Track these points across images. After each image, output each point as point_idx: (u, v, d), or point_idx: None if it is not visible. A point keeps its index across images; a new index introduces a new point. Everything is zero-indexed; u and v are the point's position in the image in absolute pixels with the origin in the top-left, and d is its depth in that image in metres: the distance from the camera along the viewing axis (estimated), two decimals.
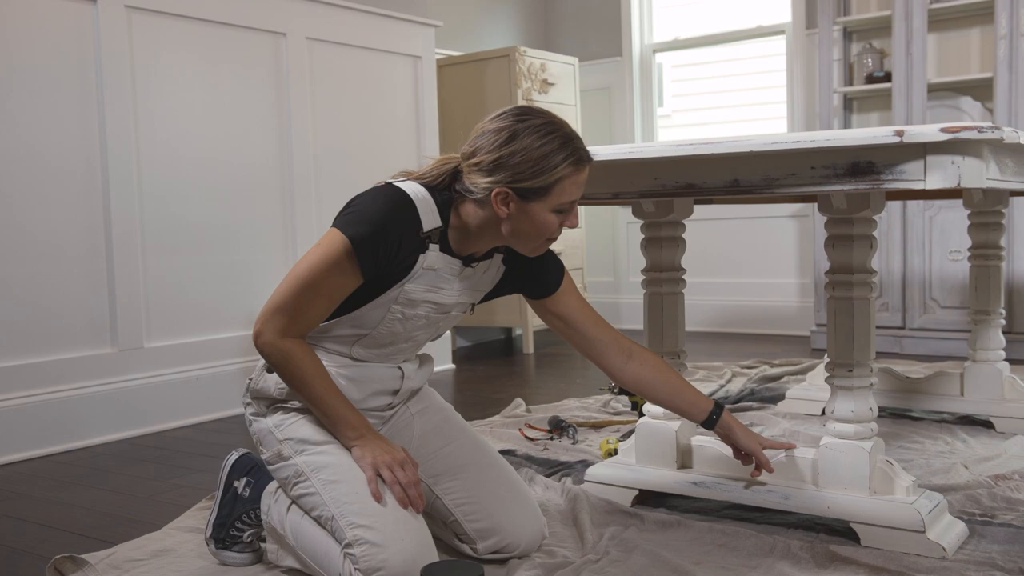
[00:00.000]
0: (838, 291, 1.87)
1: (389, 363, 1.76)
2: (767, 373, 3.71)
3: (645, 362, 1.83)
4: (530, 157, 1.55)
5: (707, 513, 2.04)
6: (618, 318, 5.58)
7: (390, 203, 1.59)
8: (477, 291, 1.76)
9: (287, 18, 3.60)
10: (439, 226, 1.63)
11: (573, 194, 1.60)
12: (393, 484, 1.59)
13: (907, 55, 4.11)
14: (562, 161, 1.56)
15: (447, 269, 1.67)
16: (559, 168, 1.56)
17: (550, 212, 1.59)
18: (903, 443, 2.61)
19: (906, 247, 4.22)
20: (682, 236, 2.16)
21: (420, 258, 1.62)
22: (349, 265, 1.57)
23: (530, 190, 1.56)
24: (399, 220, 1.58)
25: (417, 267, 1.63)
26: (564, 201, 1.59)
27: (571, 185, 1.58)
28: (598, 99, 5.58)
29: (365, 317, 1.66)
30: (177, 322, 3.26)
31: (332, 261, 1.57)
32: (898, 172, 1.51)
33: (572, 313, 1.82)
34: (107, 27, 3.03)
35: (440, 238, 1.64)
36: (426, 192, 1.63)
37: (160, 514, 2.22)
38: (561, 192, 1.58)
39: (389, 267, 1.60)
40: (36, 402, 2.87)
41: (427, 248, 1.63)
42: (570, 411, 3.16)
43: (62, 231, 2.95)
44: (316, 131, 3.71)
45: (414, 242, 1.61)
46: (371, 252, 1.57)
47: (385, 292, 1.63)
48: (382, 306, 1.64)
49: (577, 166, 1.58)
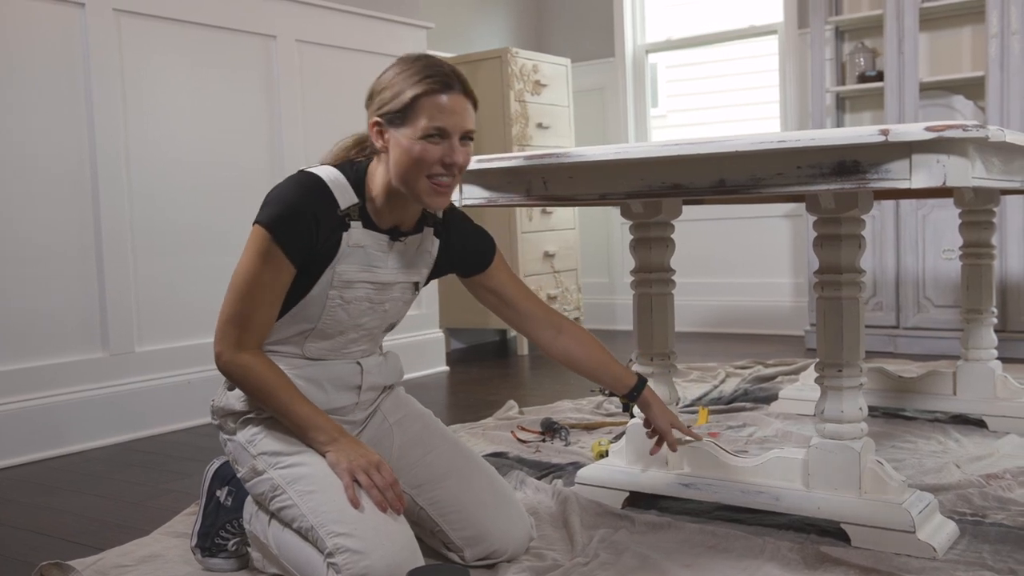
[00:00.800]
0: (827, 291, 1.86)
1: (346, 359, 1.75)
2: (761, 373, 3.70)
3: (574, 336, 1.88)
4: (391, 82, 1.60)
5: (698, 515, 2.04)
6: (613, 319, 5.57)
7: (299, 185, 1.62)
8: (415, 268, 1.77)
9: (277, 20, 3.59)
10: (356, 202, 1.65)
11: (436, 119, 1.57)
12: (371, 488, 1.58)
13: (899, 54, 4.11)
14: (420, 80, 1.57)
15: (375, 246, 1.68)
16: (414, 87, 1.57)
17: (418, 138, 1.58)
18: (896, 443, 2.60)
19: (899, 246, 4.22)
20: (671, 237, 2.15)
21: (344, 236, 1.64)
22: (274, 253, 1.59)
23: (393, 113, 1.59)
24: (310, 200, 1.60)
25: (343, 246, 1.64)
26: (428, 125, 1.57)
27: (431, 106, 1.57)
28: (591, 100, 5.58)
29: (307, 310, 1.66)
30: (168, 326, 3.25)
31: (258, 255, 1.59)
32: (884, 171, 1.51)
33: (505, 288, 1.87)
34: (95, 30, 3.02)
35: (360, 215, 1.66)
36: (337, 172, 1.66)
37: (150, 519, 2.21)
38: (422, 113, 1.57)
39: (313, 248, 1.61)
40: (27, 407, 2.86)
41: (348, 226, 1.64)
42: (563, 413, 3.15)
43: (52, 234, 2.94)
44: (306, 133, 3.70)
45: (333, 220, 1.62)
46: (290, 233, 1.58)
47: (320, 278, 1.64)
48: (320, 294, 1.65)
49: (431, 86, 1.57)
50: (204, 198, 3.36)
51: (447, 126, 1.58)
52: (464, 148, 1.63)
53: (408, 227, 1.73)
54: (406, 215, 1.71)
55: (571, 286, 4.99)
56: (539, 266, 4.76)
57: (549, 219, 4.85)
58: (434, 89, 1.57)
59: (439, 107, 1.57)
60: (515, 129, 4.58)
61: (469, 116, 1.62)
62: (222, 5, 3.40)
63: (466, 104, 1.61)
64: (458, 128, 1.60)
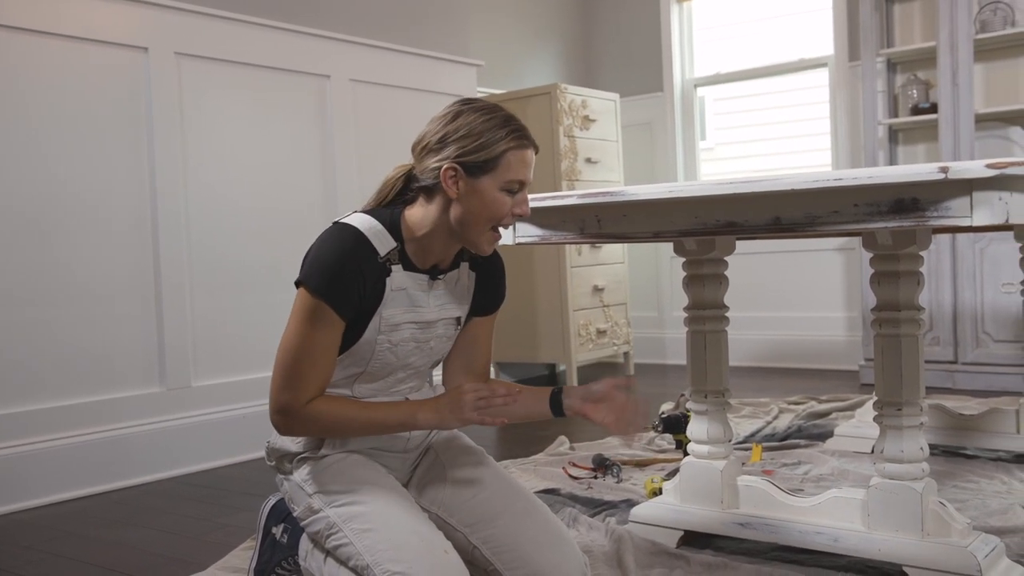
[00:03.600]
0: (885, 328, 1.84)
1: (394, 398, 1.77)
2: (815, 409, 3.65)
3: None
4: (474, 131, 1.60)
5: (754, 555, 2.01)
6: (663, 353, 5.53)
7: (339, 241, 1.63)
8: (456, 303, 1.78)
9: (331, 60, 3.67)
10: (395, 246, 1.67)
11: (519, 172, 1.62)
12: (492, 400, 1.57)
13: (953, 86, 4.07)
14: (506, 135, 1.60)
15: (416, 286, 1.70)
16: (503, 141, 1.60)
17: (498, 190, 1.61)
18: (957, 483, 2.54)
19: (956, 280, 4.14)
20: (724, 273, 2.14)
21: (387, 281, 1.66)
22: (324, 312, 1.60)
23: (476, 164, 1.60)
24: (353, 254, 1.62)
25: (387, 291, 1.66)
26: (511, 178, 1.61)
27: (516, 161, 1.61)
28: (640, 134, 5.59)
29: (356, 355, 1.68)
30: (224, 361, 3.31)
31: (310, 320, 1.60)
32: (943, 209, 1.49)
33: (477, 341, 1.84)
34: (157, 73, 3.12)
35: (400, 257, 1.67)
36: (371, 219, 1.67)
37: (207, 553, 2.23)
38: (508, 167, 1.60)
39: (361, 301, 1.63)
40: (88, 441, 2.92)
41: (390, 271, 1.66)
42: (614, 449, 3.13)
43: (113, 273, 3.02)
44: (360, 171, 3.76)
45: (376, 269, 1.64)
46: (337, 292, 1.60)
47: (367, 325, 1.66)
48: (369, 339, 1.67)
49: (520, 142, 1.61)
50: (259, 236, 3.43)
51: (525, 180, 1.64)
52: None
53: (446, 265, 1.75)
54: (447, 254, 1.73)
55: (620, 320, 4.98)
56: (588, 300, 4.75)
57: (598, 253, 4.85)
58: (522, 144, 1.62)
59: (523, 162, 1.63)
60: (564, 164, 4.60)
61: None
62: (277, 46, 3.48)
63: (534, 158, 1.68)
64: (528, 181, 1.66)
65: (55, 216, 2.88)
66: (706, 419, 2.12)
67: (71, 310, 2.91)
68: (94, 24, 2.96)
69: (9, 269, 2.77)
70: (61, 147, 2.90)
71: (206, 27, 3.25)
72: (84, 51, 2.95)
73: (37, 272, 2.83)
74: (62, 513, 2.70)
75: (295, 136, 3.55)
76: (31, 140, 2.83)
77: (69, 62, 2.92)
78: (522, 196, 1.65)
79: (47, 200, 2.86)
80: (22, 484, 2.75)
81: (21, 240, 2.80)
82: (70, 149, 2.92)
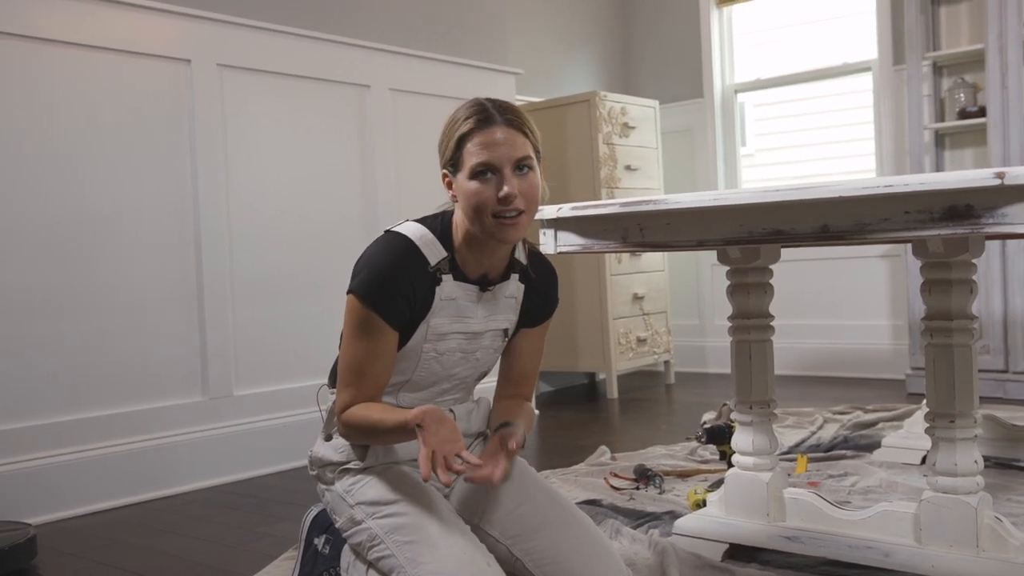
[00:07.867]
0: (936, 338, 1.79)
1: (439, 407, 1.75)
2: (861, 419, 3.58)
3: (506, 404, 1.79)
4: (444, 129, 1.61)
5: (801, 569, 1.96)
6: (704, 362, 5.47)
7: (390, 251, 1.63)
8: (503, 315, 1.75)
9: (370, 70, 3.68)
10: (445, 256, 1.65)
11: (479, 155, 1.55)
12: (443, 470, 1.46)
13: (1002, 88, 3.98)
14: (463, 120, 1.57)
15: (465, 296, 1.68)
16: (459, 127, 1.58)
17: (469, 180, 1.57)
18: (1012, 496, 2.47)
19: (1007, 287, 4.05)
20: (769, 282, 2.10)
21: (437, 291, 1.64)
22: (375, 322, 1.60)
23: (451, 161, 1.60)
24: (404, 264, 1.61)
25: (436, 300, 1.65)
26: (473, 164, 1.55)
27: (475, 145, 1.55)
28: (680, 141, 5.55)
29: (401, 363, 1.67)
30: (265, 370, 3.32)
31: (360, 328, 1.60)
32: (999, 215, 1.45)
33: (521, 352, 1.81)
34: (200, 85, 3.15)
35: (450, 267, 1.66)
36: (423, 228, 1.66)
37: (248, 563, 2.24)
38: (469, 155, 1.56)
39: (412, 310, 1.63)
40: (131, 450, 2.94)
41: (440, 280, 1.65)
42: (656, 459, 3.09)
43: (157, 285, 3.04)
44: (400, 180, 3.77)
45: (426, 279, 1.63)
46: (388, 302, 1.59)
47: (414, 333, 1.65)
48: (415, 347, 1.66)
49: (476, 123, 1.56)
50: (299, 246, 3.44)
51: (492, 160, 1.56)
52: (522, 177, 1.58)
53: (495, 275, 1.73)
54: (493, 261, 1.70)
55: (661, 328, 4.93)
56: (628, 308, 4.72)
57: (638, 261, 4.81)
58: (475, 127, 1.57)
59: (482, 143, 1.56)
60: (603, 171, 4.57)
61: (518, 145, 1.58)
62: (317, 56, 3.50)
63: (512, 133, 1.58)
64: (506, 160, 1.56)
65: (98, 230, 2.91)
66: (751, 430, 2.08)
67: (114, 322, 2.94)
68: (137, 37, 3.00)
69: (55, 283, 2.80)
70: (105, 160, 2.93)
71: (248, 38, 3.28)
72: (128, 64, 2.99)
73: (82, 285, 2.86)
74: (105, 522, 2.72)
75: (334, 146, 3.57)
76: (74, 154, 2.86)
77: (113, 75, 2.95)
78: (502, 177, 1.55)
79: (91, 214, 2.89)
80: (67, 493, 2.78)
81: (67, 255, 2.84)
82: (114, 162, 2.95)
